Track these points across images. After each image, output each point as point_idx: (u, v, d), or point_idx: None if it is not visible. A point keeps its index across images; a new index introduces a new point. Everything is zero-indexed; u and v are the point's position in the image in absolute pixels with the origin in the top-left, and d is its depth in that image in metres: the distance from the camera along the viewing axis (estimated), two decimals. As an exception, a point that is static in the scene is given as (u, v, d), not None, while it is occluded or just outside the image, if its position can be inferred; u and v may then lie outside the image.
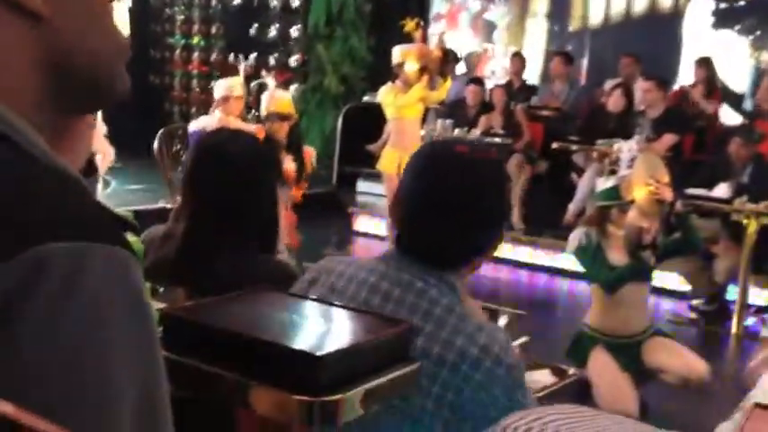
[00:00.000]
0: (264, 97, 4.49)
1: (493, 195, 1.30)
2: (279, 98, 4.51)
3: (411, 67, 5.34)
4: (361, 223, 7.05)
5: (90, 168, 0.88)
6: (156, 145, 5.22)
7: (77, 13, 0.62)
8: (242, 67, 5.15)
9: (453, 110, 7.07)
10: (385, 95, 5.59)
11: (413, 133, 5.56)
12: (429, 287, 1.26)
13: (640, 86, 6.13)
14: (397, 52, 5.54)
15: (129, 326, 0.55)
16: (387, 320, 1.16)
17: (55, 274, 0.51)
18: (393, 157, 5.45)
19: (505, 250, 6.14)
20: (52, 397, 0.50)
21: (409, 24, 5.67)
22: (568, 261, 5.48)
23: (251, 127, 4.47)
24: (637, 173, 3.13)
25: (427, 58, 5.34)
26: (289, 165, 4.27)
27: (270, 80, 5.00)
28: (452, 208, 1.27)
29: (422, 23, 5.93)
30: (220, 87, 4.83)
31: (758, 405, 0.86)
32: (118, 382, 0.53)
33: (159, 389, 0.58)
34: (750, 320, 4.96)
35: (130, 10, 7.63)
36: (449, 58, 5.34)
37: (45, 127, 0.61)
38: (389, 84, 5.64)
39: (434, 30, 8.74)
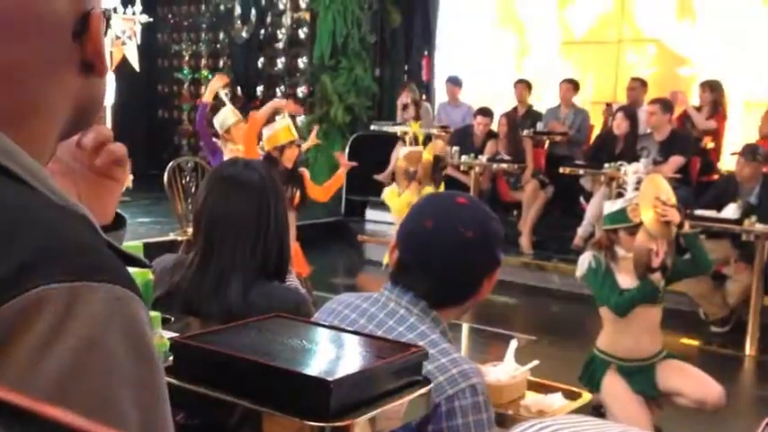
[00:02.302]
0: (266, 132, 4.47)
1: (484, 245, 1.38)
2: (291, 125, 4.49)
3: (400, 165, 5.36)
4: (370, 251, 7.06)
5: (118, 222, 0.91)
6: (165, 178, 5.26)
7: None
8: (223, 95, 5.15)
9: (460, 137, 7.11)
10: (385, 196, 5.59)
11: None
12: (410, 316, 1.36)
13: (646, 109, 6.15)
14: (400, 154, 5.59)
15: (128, 366, 0.54)
16: (397, 345, 1.17)
17: (47, 317, 0.52)
18: None
19: (515, 275, 6.13)
20: None
21: (413, 126, 5.74)
22: (578, 285, 5.46)
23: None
24: (643, 195, 3.13)
25: (416, 163, 5.29)
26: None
27: (223, 94, 5.02)
28: (444, 254, 1.36)
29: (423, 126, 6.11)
30: (217, 121, 4.88)
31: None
32: (114, 422, 0.52)
33: (163, 428, 0.57)
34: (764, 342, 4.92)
35: (138, 47, 7.75)
36: (441, 165, 5.30)
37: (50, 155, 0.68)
38: (393, 184, 5.62)
39: (439, 58, 8.83)
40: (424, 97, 8.31)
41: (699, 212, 4.85)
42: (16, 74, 0.62)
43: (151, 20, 7.97)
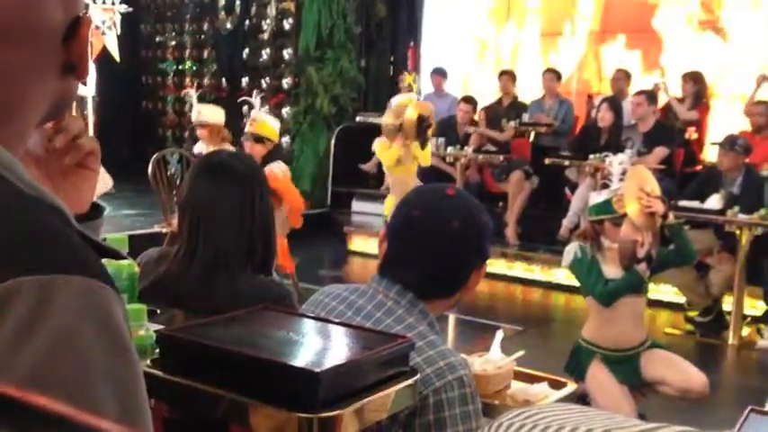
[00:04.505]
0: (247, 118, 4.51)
1: (471, 238, 1.38)
2: (258, 120, 4.52)
3: (385, 121, 5.32)
4: (357, 243, 7.06)
5: (96, 212, 0.90)
6: (150, 169, 5.23)
7: None
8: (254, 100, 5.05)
9: (444, 127, 7.11)
10: (376, 148, 5.56)
11: (405, 186, 5.51)
12: (398, 308, 1.35)
13: (631, 100, 6.18)
14: (392, 103, 5.54)
15: (104, 358, 0.54)
16: (385, 336, 1.17)
17: (22, 308, 0.51)
18: (392, 204, 5.46)
19: (501, 266, 6.16)
20: None
21: (407, 78, 5.67)
22: (563, 276, 5.50)
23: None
24: (627, 187, 3.15)
25: (401, 117, 5.25)
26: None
27: (256, 100, 4.98)
28: (432, 245, 1.36)
29: (417, 77, 5.95)
30: (211, 111, 4.88)
31: (754, 409, 0.86)
32: (90, 414, 0.52)
33: (142, 421, 0.56)
34: (746, 331, 4.97)
35: (120, 37, 7.67)
36: (424, 124, 5.21)
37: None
38: (383, 137, 5.55)
39: (425, 50, 8.82)
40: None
41: (682, 203, 4.88)
42: (8, 76, 0.63)
43: (131, 9, 7.88)
